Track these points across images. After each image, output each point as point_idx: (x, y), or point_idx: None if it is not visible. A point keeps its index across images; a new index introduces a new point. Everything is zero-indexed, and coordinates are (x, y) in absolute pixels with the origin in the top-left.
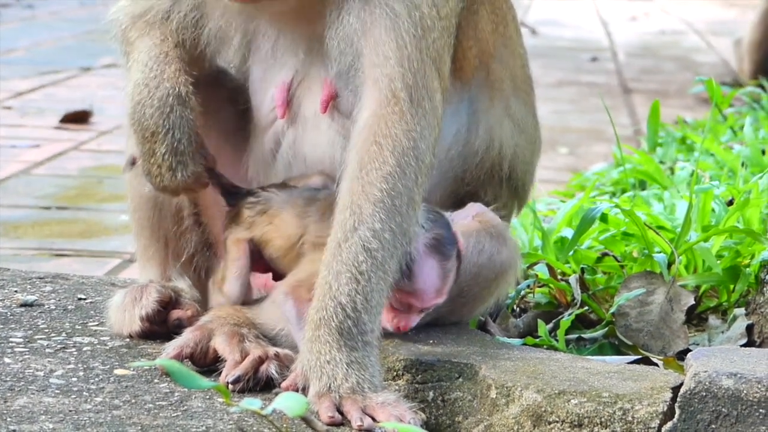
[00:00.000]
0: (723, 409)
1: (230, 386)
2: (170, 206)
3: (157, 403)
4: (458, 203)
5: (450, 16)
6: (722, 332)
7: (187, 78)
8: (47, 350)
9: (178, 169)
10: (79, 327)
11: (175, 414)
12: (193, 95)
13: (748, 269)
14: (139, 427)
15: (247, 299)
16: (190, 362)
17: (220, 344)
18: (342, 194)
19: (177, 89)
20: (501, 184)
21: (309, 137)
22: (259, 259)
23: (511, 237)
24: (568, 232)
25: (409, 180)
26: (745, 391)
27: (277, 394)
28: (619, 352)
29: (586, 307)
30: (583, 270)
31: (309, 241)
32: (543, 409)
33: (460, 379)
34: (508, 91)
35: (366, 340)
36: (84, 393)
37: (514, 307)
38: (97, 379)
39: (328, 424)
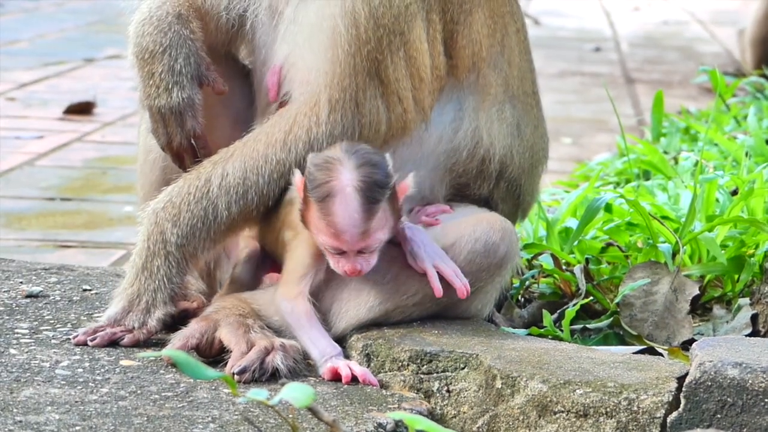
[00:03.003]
0: (728, 399)
1: (236, 377)
2: None
3: (163, 394)
4: (454, 193)
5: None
6: (727, 322)
7: (191, 5)
8: (53, 341)
9: (174, 89)
10: (85, 318)
11: (181, 405)
12: (194, 19)
13: (752, 259)
14: (145, 418)
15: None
16: (195, 353)
17: (226, 335)
18: None
19: (177, 10)
20: (492, 178)
21: None
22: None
23: (508, 228)
24: (573, 223)
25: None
26: (750, 381)
27: (283, 384)
28: (623, 342)
29: (591, 297)
30: (587, 260)
31: (286, 228)
32: (548, 399)
33: (465, 370)
34: (501, 97)
35: None
36: (90, 384)
37: (519, 298)
38: (102, 370)
39: None
